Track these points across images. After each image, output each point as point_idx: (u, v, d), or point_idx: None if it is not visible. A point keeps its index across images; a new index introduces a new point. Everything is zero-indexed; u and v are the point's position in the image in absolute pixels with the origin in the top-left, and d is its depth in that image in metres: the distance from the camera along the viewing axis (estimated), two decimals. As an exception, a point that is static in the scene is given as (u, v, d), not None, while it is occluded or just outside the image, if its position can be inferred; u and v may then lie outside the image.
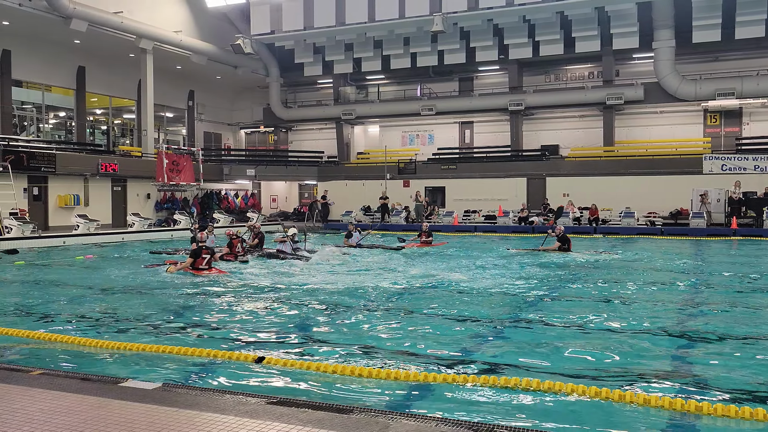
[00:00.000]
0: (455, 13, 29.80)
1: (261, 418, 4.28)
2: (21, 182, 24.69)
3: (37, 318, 9.27)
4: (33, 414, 4.40)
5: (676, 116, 31.58)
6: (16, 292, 11.83)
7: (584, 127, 33.33)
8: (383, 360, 6.65)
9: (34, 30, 27.26)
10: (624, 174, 29.03)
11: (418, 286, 12.03)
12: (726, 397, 5.42)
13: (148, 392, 4.93)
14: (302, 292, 11.22)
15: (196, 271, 13.31)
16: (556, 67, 34.26)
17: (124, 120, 35.78)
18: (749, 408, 4.80)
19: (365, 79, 38.20)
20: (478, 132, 36.10)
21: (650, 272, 14.28)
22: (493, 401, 5.30)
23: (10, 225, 21.86)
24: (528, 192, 31.20)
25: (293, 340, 7.67)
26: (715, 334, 7.89)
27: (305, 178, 37.55)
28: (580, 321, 8.71)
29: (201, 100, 38.81)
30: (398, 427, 4.14)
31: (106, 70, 31.92)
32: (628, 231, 25.83)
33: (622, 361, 6.61)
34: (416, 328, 8.29)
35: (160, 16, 31.28)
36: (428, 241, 20.73)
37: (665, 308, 9.84)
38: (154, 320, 8.95)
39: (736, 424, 4.75)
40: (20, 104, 29.45)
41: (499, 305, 10.08)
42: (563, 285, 12.32)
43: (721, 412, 4.82)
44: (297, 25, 33.33)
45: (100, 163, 27.83)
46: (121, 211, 29.12)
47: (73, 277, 13.96)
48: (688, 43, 28.70)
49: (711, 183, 27.05)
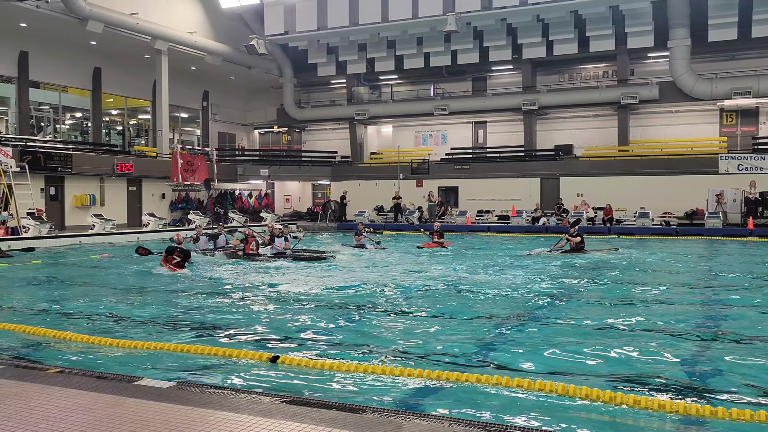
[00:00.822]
0: (468, 13, 29.73)
1: (274, 417, 4.30)
2: (38, 182, 24.95)
3: (54, 316, 9.37)
4: (50, 411, 4.45)
5: (691, 116, 31.32)
6: (33, 291, 11.95)
7: (598, 126, 33.14)
8: (396, 359, 6.65)
9: (51, 32, 27.56)
10: (639, 174, 28.83)
11: (431, 285, 12.02)
12: (744, 401, 5.37)
13: (163, 391, 4.96)
14: (316, 292, 11.24)
15: (165, 263, 14.64)
16: (570, 66, 34.09)
17: (139, 120, 36.05)
18: (765, 412, 4.75)
19: (378, 79, 38.21)
20: (492, 132, 36.02)
21: (665, 273, 14.17)
22: (506, 402, 5.28)
23: (28, 224, 22.09)
24: (542, 192, 31.07)
25: (307, 339, 7.69)
26: (734, 336, 7.83)
27: (318, 178, 37.63)
28: (596, 322, 8.66)
29: (215, 101, 39.02)
30: (411, 426, 4.14)
31: (121, 71, 32.18)
32: (643, 231, 25.65)
33: (637, 364, 6.57)
34: (430, 327, 8.29)
35: (175, 17, 31.49)
36: (440, 241, 20.69)
37: (682, 310, 9.76)
38: (168, 319, 9.01)
39: (753, 428, 4.70)
40: (37, 105, 29.76)
41: (512, 305, 10.04)
42: (578, 285, 12.25)
43: (736, 416, 4.77)
44: (310, 26, 33.41)
45: (116, 163, 28.06)
46: (136, 210, 29.35)
47: (88, 276, 14.08)
48: (703, 41, 28.45)
49: (727, 183, 26.81)
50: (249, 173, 36.00)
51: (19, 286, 12.67)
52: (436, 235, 20.84)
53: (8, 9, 24.54)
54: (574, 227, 18.73)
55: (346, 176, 35.64)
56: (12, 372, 5.58)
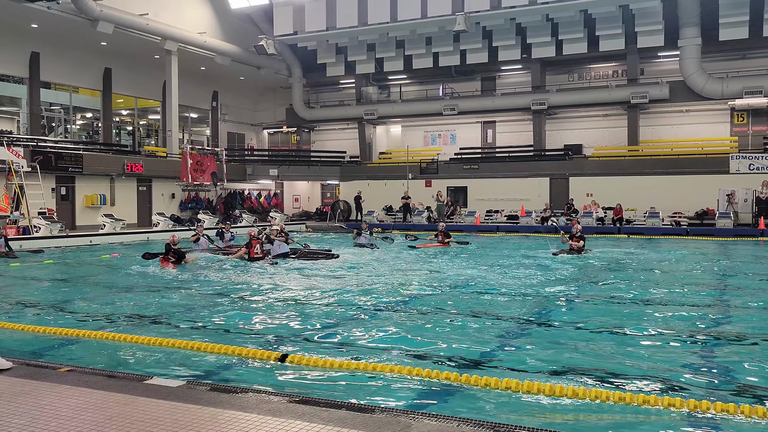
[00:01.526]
0: (478, 13, 29.65)
1: (283, 416, 4.31)
2: (49, 182, 25.12)
3: (65, 315, 9.43)
4: (61, 410, 4.48)
5: (702, 115, 31.13)
6: (44, 291, 12.03)
7: (608, 126, 33.00)
8: (405, 359, 6.65)
9: (62, 32, 27.73)
10: (649, 174, 28.70)
11: (441, 285, 12.01)
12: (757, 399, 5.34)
13: (173, 390, 4.99)
14: (325, 292, 11.26)
15: (163, 262, 15.11)
16: (579, 65, 33.96)
17: (149, 121, 36.21)
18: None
19: (387, 79, 38.21)
20: (501, 132, 35.94)
21: (677, 273, 14.10)
22: (515, 402, 5.28)
23: (39, 224, 22.25)
24: (551, 192, 30.98)
25: (316, 339, 7.71)
26: (745, 336, 7.78)
27: (327, 178, 37.67)
28: (606, 323, 8.63)
29: (225, 101, 39.15)
30: (420, 426, 4.14)
31: (131, 71, 32.34)
32: (653, 231, 25.52)
33: (647, 365, 6.54)
34: (439, 327, 8.29)
35: (185, 18, 31.61)
36: (446, 242, 20.66)
37: (693, 311, 9.71)
38: (177, 319, 9.05)
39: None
40: (48, 105, 29.96)
41: (522, 306, 10.02)
42: (587, 286, 12.21)
43: (748, 413, 4.75)
44: (319, 26, 33.43)
45: (126, 163, 28.21)
46: (146, 210, 29.50)
47: (98, 275, 14.15)
48: (714, 40, 28.26)
49: (738, 183, 26.63)
50: (258, 173, 36.09)
51: (31, 285, 12.77)
52: (441, 235, 20.81)
53: (20, 10, 24.73)
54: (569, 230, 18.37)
55: (355, 176, 35.67)
56: (24, 370, 5.62)
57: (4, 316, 9.20)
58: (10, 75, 27.82)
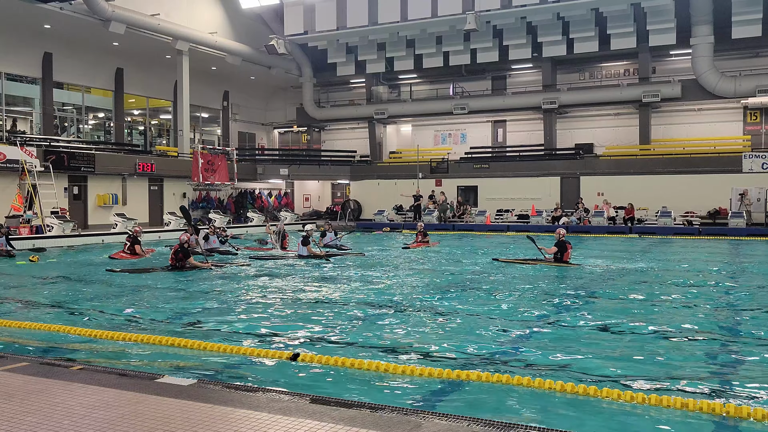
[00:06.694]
0: (488, 12, 29.58)
1: (294, 415, 4.32)
2: (62, 182, 25.31)
3: (75, 314, 9.49)
4: (73, 408, 4.51)
5: (714, 114, 30.91)
6: (55, 290, 12.10)
7: (620, 125, 32.83)
8: (415, 358, 6.65)
9: (75, 33, 27.91)
10: (661, 173, 28.53)
11: (447, 285, 12.00)
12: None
13: (184, 388, 5.01)
14: (335, 292, 11.28)
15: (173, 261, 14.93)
16: (590, 64, 33.79)
17: (160, 120, 36.39)
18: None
19: (398, 78, 38.19)
20: (511, 131, 35.84)
21: (689, 273, 14.01)
22: (526, 402, 5.26)
23: (51, 223, 22.41)
24: (561, 191, 30.87)
25: (326, 338, 7.71)
26: (756, 338, 7.72)
27: (338, 178, 37.71)
28: (615, 323, 8.59)
29: (235, 101, 39.27)
30: (430, 426, 4.14)
31: (143, 71, 32.51)
32: (665, 231, 25.37)
33: (660, 366, 6.50)
34: (448, 326, 8.27)
35: (196, 18, 31.74)
36: (425, 241, 20.55)
37: (704, 311, 9.64)
38: (188, 318, 9.08)
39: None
40: (61, 105, 30.17)
41: (532, 305, 9.98)
42: (595, 287, 12.16)
43: (760, 415, 4.71)
44: (330, 26, 33.47)
45: (138, 162, 28.36)
46: (157, 210, 29.65)
47: (109, 274, 14.22)
48: (727, 38, 28.02)
49: (751, 182, 26.43)
50: (269, 173, 36.19)
51: (42, 284, 12.86)
52: (420, 235, 20.74)
53: (33, 11, 24.92)
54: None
55: (365, 176, 35.69)
56: (36, 369, 5.67)
57: (16, 315, 9.28)
58: (23, 75, 28.05)
